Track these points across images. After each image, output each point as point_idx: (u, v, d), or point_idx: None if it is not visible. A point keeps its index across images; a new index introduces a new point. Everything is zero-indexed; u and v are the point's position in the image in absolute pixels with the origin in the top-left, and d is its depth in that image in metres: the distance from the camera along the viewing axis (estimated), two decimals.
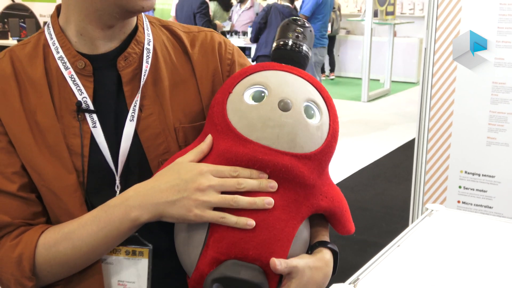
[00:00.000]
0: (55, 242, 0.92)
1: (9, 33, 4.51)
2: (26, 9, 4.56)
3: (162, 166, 0.99)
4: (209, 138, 0.93)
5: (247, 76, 0.95)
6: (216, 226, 0.90)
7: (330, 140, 0.94)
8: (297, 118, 0.91)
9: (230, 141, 0.91)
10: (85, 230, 0.92)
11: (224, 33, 7.08)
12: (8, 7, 4.61)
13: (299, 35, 0.96)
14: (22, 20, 4.50)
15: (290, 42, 0.94)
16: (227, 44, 1.11)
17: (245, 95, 0.92)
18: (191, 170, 0.90)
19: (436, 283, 0.96)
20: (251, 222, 0.89)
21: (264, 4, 9.26)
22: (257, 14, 8.18)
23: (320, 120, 0.93)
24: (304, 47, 0.96)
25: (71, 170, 0.96)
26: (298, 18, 0.98)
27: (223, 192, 0.91)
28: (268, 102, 0.90)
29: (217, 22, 7.35)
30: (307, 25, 0.97)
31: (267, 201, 0.90)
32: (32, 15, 4.54)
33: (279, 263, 0.87)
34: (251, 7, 8.08)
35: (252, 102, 0.91)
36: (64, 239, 0.92)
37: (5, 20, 4.54)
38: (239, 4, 8.09)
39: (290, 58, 0.99)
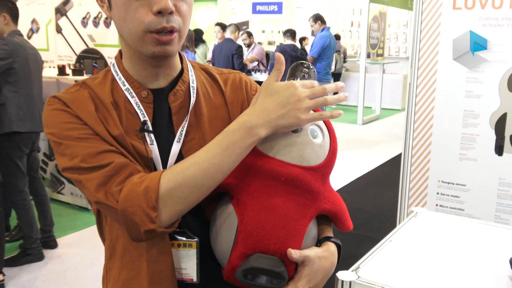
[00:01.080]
0: (181, 169, 0.88)
1: (84, 71, 4.57)
2: (97, 52, 4.66)
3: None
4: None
5: None
6: (243, 228, 0.90)
7: (331, 156, 0.96)
8: (305, 138, 0.94)
9: (252, 156, 0.93)
10: (210, 153, 0.87)
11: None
12: (84, 51, 4.74)
13: (305, 75, 0.97)
14: (94, 61, 4.59)
15: (298, 80, 0.96)
16: (252, 82, 1.14)
17: None
18: (287, 88, 0.88)
19: (423, 270, 0.98)
20: (339, 112, 0.91)
21: (266, 47, 9.37)
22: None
23: (322, 140, 0.96)
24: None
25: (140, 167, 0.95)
26: (304, 62, 1.00)
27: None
28: None
29: (246, 62, 7.42)
30: (311, 67, 0.98)
31: (344, 95, 0.95)
32: (101, 57, 4.63)
33: (294, 253, 0.88)
34: (252, 49, 8.20)
35: None
36: (190, 164, 0.88)
37: (81, 61, 4.66)
38: (246, 48, 8.21)
39: None
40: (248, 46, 8.30)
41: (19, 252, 3.63)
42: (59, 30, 5.06)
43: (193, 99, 1.02)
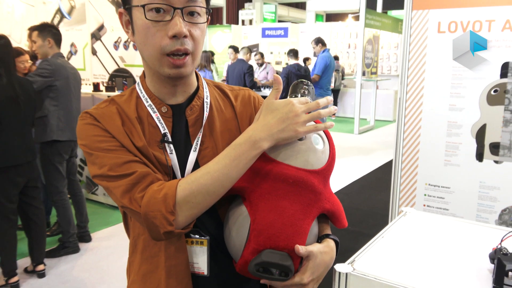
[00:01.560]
0: (195, 178, 0.88)
1: (115, 88, 4.61)
2: (127, 72, 4.71)
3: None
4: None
5: None
6: (255, 226, 0.90)
7: (331, 161, 0.96)
8: (308, 145, 0.94)
9: (262, 161, 0.93)
10: (220, 164, 0.88)
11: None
12: (115, 70, 4.81)
13: (305, 91, 0.97)
14: (124, 79, 4.63)
15: (299, 96, 0.97)
16: (259, 98, 1.14)
17: None
18: (286, 105, 0.89)
19: (411, 263, 0.97)
20: (332, 123, 0.94)
21: (274, 66, 9.40)
22: (267, 73, 8.32)
23: (323, 147, 0.96)
24: (309, 99, 0.98)
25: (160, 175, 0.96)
26: (304, 80, 1.00)
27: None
28: None
29: (256, 80, 7.45)
30: (310, 84, 0.99)
31: (333, 109, 0.97)
32: (131, 76, 4.68)
33: (301, 249, 0.88)
34: (264, 68, 8.23)
35: None
36: (203, 174, 0.88)
37: (113, 79, 4.71)
38: (257, 66, 8.25)
39: None
40: (261, 65, 8.34)
41: (58, 245, 3.66)
42: (94, 52, 5.11)
43: (206, 113, 1.02)
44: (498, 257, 0.86)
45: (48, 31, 3.49)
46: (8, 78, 2.85)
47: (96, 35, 5.09)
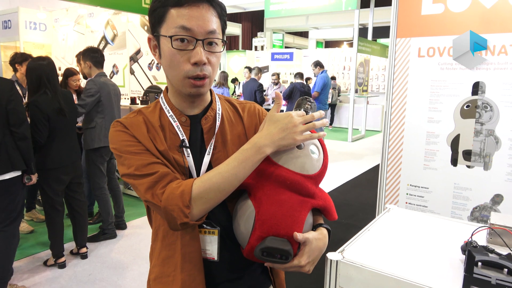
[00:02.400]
0: (208, 177, 0.87)
1: (149, 102, 4.65)
2: (158, 88, 4.76)
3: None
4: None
5: None
6: (259, 217, 0.90)
7: (323, 169, 0.95)
8: (306, 153, 0.92)
9: (266, 164, 0.92)
10: (229, 166, 0.87)
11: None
12: (149, 87, 4.87)
13: (308, 107, 0.96)
14: (156, 94, 4.67)
15: (302, 110, 0.96)
16: (263, 111, 1.12)
17: None
18: (286, 117, 0.89)
19: (393, 253, 0.94)
20: (324, 133, 0.94)
21: (284, 84, 9.35)
22: (281, 91, 8.26)
23: (318, 156, 0.94)
24: (310, 113, 0.97)
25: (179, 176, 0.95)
26: (308, 97, 0.99)
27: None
28: None
29: (265, 97, 7.44)
30: (312, 101, 0.98)
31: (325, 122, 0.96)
32: (161, 91, 4.68)
33: (299, 236, 0.88)
34: (278, 87, 8.18)
35: None
36: (215, 174, 0.87)
37: (147, 94, 4.74)
38: (272, 84, 8.20)
39: None
40: (275, 84, 8.29)
41: (98, 232, 3.67)
42: (132, 72, 5.16)
43: (218, 122, 1.01)
44: (468, 249, 0.84)
45: (87, 55, 3.51)
46: (54, 93, 2.87)
47: (134, 58, 5.14)
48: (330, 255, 0.92)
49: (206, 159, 0.97)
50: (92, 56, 3.52)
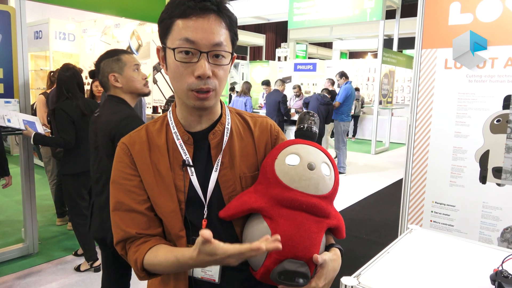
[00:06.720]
0: (157, 261, 0.88)
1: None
2: None
3: (230, 201, 0.94)
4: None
5: (286, 147, 0.93)
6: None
7: (335, 186, 0.94)
8: (319, 174, 0.90)
9: (279, 189, 0.88)
10: (169, 263, 0.86)
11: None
12: (171, 96, 5.15)
13: (311, 122, 0.93)
14: None
15: (306, 126, 0.93)
16: (275, 126, 1.08)
17: (286, 160, 0.90)
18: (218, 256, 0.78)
19: (414, 279, 0.88)
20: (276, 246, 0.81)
21: (307, 95, 9.29)
22: (303, 103, 8.26)
23: (330, 174, 0.91)
24: (314, 129, 0.94)
25: (175, 202, 0.93)
26: (310, 111, 0.96)
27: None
28: (301, 164, 0.89)
29: (289, 107, 7.43)
30: (315, 116, 0.95)
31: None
32: None
33: (319, 258, 0.86)
34: (301, 99, 8.13)
35: (291, 164, 0.88)
36: (163, 261, 0.87)
37: (169, 103, 4.88)
38: (294, 96, 8.16)
39: (307, 136, 0.99)
40: (297, 96, 8.26)
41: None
42: (155, 81, 5.25)
43: (226, 138, 0.98)
44: (499, 281, 0.76)
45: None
46: (77, 101, 3.01)
47: (157, 68, 5.23)
48: (345, 280, 0.87)
49: (214, 176, 0.95)
50: None
